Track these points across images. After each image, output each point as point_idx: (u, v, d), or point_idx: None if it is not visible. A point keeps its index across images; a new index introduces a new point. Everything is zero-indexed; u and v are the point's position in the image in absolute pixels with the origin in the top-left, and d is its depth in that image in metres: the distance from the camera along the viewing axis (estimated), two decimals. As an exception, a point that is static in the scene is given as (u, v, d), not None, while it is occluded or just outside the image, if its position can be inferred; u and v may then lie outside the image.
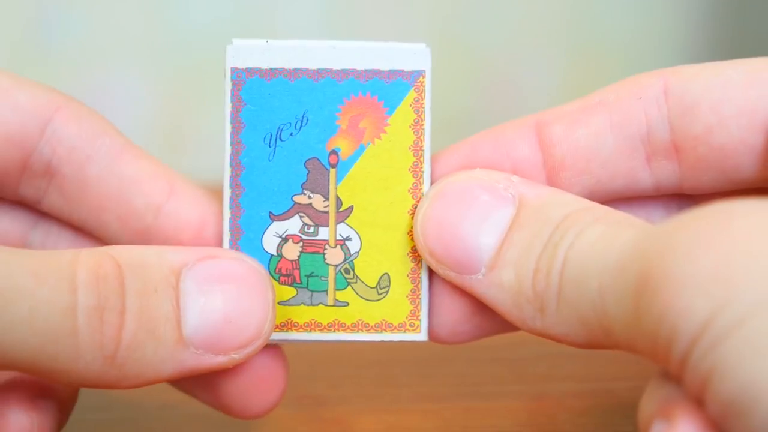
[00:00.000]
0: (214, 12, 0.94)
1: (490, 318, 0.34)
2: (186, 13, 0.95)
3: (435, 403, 0.40)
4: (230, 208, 0.35)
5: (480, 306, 0.34)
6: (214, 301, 0.33)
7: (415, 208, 0.35)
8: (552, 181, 0.35)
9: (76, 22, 0.96)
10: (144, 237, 0.36)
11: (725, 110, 0.34)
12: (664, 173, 0.35)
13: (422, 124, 0.35)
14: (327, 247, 0.35)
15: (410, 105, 0.35)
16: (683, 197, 0.36)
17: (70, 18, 0.96)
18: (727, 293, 0.27)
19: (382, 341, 0.35)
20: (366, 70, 0.35)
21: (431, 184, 0.35)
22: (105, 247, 0.33)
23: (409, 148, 0.35)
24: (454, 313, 0.35)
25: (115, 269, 0.32)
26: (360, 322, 0.35)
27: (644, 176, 0.35)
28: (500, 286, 0.33)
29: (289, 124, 0.35)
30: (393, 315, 0.35)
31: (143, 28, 0.96)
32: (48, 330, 0.31)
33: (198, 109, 0.84)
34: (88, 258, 0.32)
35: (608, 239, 0.31)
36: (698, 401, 0.28)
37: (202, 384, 0.35)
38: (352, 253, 0.35)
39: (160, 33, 0.95)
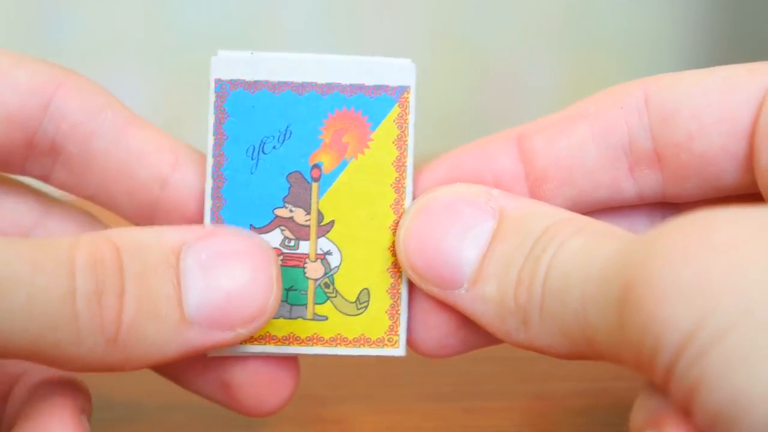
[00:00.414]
0: (214, 12, 0.94)
1: (476, 331, 0.34)
2: (186, 13, 0.95)
3: (435, 402, 0.40)
4: (211, 220, 0.35)
5: (466, 320, 0.34)
6: (216, 277, 0.33)
7: (397, 223, 0.35)
8: (534, 193, 0.35)
9: (76, 22, 0.96)
10: (152, 209, 0.36)
11: (706, 117, 0.34)
12: (647, 182, 0.35)
13: (405, 140, 0.35)
14: (307, 261, 0.35)
15: (394, 120, 0.35)
16: (666, 206, 0.36)
17: (70, 18, 0.96)
18: (710, 303, 0.27)
19: (361, 356, 0.35)
20: (350, 85, 0.35)
21: (413, 199, 0.35)
22: (103, 231, 0.33)
23: (392, 164, 0.35)
24: (440, 328, 0.35)
25: (113, 252, 0.32)
26: (339, 336, 0.35)
27: (627, 185, 0.35)
28: (483, 300, 0.33)
29: (272, 137, 0.35)
30: (372, 330, 0.35)
31: (143, 28, 0.96)
32: (47, 316, 0.31)
33: (197, 108, 0.84)
34: (86, 242, 0.32)
35: (590, 250, 0.31)
36: (685, 412, 0.28)
37: (214, 382, 0.36)
38: (332, 267, 0.35)
39: (160, 33, 0.95)
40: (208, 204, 0.35)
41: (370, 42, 0.96)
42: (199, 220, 0.36)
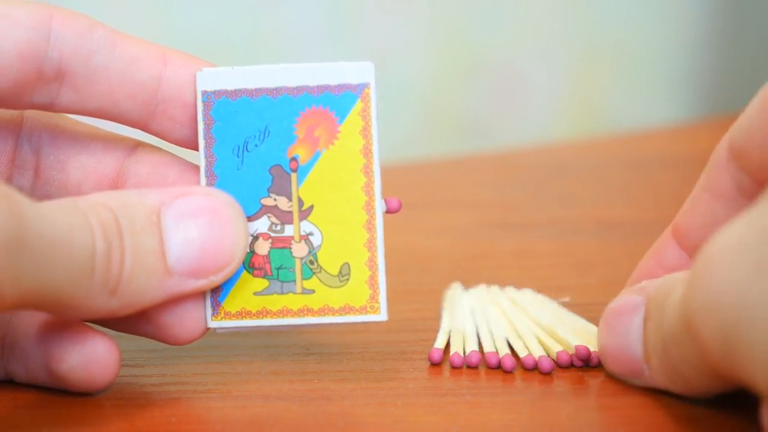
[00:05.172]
0: (216, 12, 0.94)
1: None
2: (188, 12, 0.95)
3: (440, 397, 0.41)
4: None
5: None
6: (190, 233, 0.38)
7: (368, 204, 0.40)
8: None
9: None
10: (153, 105, 0.40)
11: None
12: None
13: (370, 130, 0.40)
14: (293, 242, 0.40)
15: (358, 114, 0.40)
16: None
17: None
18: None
19: (347, 323, 0.40)
20: (318, 86, 0.40)
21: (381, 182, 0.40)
22: (91, 195, 0.38)
23: (360, 151, 0.40)
24: None
25: (110, 213, 0.37)
26: (326, 306, 0.40)
27: None
28: (658, 374, 0.38)
29: (253, 137, 0.40)
30: (355, 299, 0.40)
31: (145, 28, 0.96)
32: (76, 273, 0.35)
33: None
34: (88, 206, 0.37)
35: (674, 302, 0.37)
36: None
37: (144, 323, 0.40)
38: (315, 246, 0.40)
39: (162, 32, 0.95)
40: None
41: (370, 42, 0.96)
42: (193, 106, 0.40)
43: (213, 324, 0.40)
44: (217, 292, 0.40)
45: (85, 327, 0.39)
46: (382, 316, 0.40)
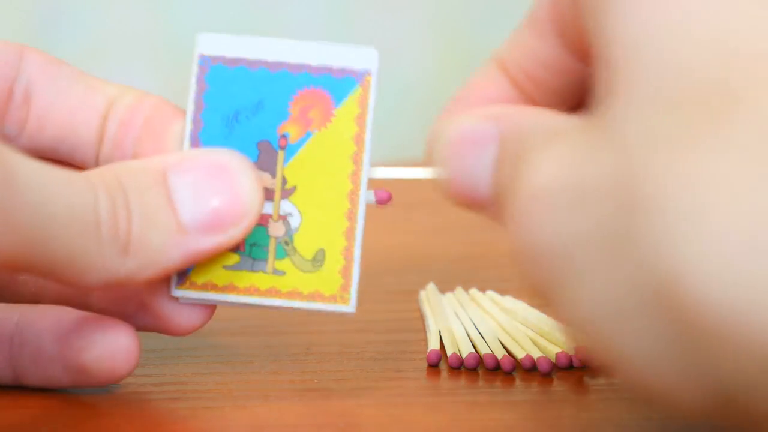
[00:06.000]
0: (215, 11, 0.94)
1: None
2: (188, 12, 0.95)
3: (440, 396, 0.41)
4: None
5: None
6: (201, 187, 0.37)
7: (353, 193, 0.39)
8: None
9: (80, 20, 0.96)
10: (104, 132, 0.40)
11: None
12: None
13: (365, 118, 0.39)
14: (270, 220, 0.39)
15: (356, 100, 0.39)
16: None
17: (74, 17, 0.96)
18: None
19: (314, 310, 0.39)
20: (319, 66, 0.39)
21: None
22: (97, 169, 0.37)
23: (352, 138, 0.39)
24: None
25: (113, 175, 0.36)
26: (295, 290, 0.39)
27: None
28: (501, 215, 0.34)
29: (245, 109, 0.39)
30: (325, 287, 0.39)
31: (146, 26, 0.96)
32: (81, 224, 0.35)
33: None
34: (90, 171, 0.36)
35: None
36: None
37: (143, 313, 0.39)
38: (292, 227, 0.39)
39: (163, 30, 0.95)
40: None
41: (370, 41, 0.96)
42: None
43: (177, 293, 0.39)
44: None
45: (103, 316, 0.39)
46: (350, 307, 0.39)
